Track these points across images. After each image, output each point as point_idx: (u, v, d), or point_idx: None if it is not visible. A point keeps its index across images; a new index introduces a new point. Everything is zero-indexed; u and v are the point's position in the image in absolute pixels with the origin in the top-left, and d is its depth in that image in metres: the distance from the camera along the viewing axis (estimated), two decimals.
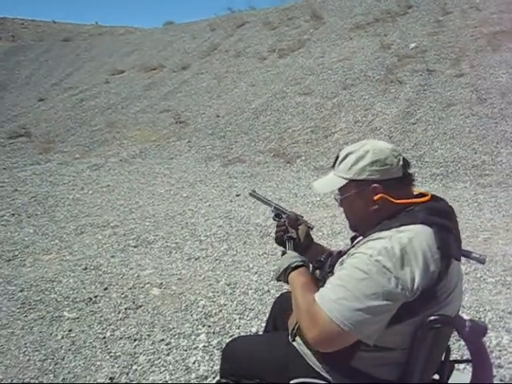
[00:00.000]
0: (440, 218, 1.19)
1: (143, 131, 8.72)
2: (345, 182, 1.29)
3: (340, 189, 1.33)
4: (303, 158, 6.65)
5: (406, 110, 6.92)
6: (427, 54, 8.05)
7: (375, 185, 1.24)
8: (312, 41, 10.29)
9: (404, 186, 1.28)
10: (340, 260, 1.27)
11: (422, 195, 1.29)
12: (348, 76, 8.28)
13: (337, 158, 1.35)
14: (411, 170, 1.31)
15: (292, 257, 1.43)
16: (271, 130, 7.55)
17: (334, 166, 1.36)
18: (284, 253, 1.52)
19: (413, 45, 8.48)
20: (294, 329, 1.40)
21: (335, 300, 1.12)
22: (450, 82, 7.18)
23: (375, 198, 1.24)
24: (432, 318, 1.13)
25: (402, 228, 1.16)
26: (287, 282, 1.39)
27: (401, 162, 1.26)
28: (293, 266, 1.39)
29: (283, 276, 1.40)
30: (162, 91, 10.35)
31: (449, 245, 1.15)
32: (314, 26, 10.93)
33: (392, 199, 1.23)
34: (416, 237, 1.14)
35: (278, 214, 1.72)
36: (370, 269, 1.11)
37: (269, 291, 3.11)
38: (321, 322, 1.13)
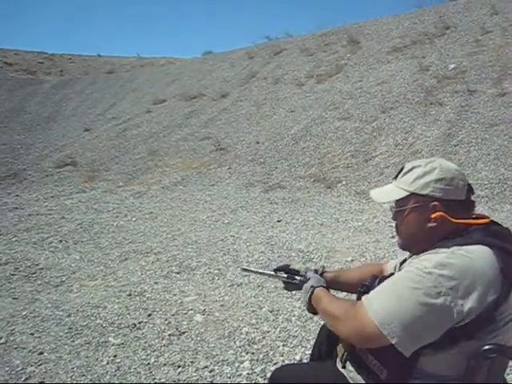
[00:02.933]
0: (500, 240, 1.16)
1: (184, 159, 8.87)
2: (405, 194, 1.29)
3: (398, 201, 1.32)
4: (344, 182, 6.59)
5: (447, 131, 6.80)
6: (467, 75, 7.93)
7: (435, 202, 1.23)
8: (349, 65, 10.32)
9: (464, 209, 1.25)
10: None
11: (480, 217, 1.26)
12: (387, 99, 8.24)
13: (401, 169, 1.35)
14: (472, 197, 1.28)
15: (311, 282, 1.50)
16: (311, 156, 7.54)
17: (396, 177, 1.36)
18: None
19: (452, 65, 8.38)
20: (343, 355, 1.38)
21: (381, 302, 1.14)
22: (492, 102, 7.03)
23: (433, 215, 1.22)
24: (487, 347, 1.09)
25: (462, 247, 1.14)
26: (311, 308, 1.45)
27: (466, 186, 1.25)
28: (315, 285, 1.46)
29: (308, 299, 1.45)
30: (202, 119, 10.53)
31: (511, 268, 1.11)
32: (351, 50, 10.97)
33: (450, 218, 1.20)
34: (476, 257, 1.11)
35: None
36: (420, 280, 1.09)
37: (312, 318, 3.07)
38: (360, 318, 1.15)
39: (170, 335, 3.02)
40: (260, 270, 1.82)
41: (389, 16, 12.15)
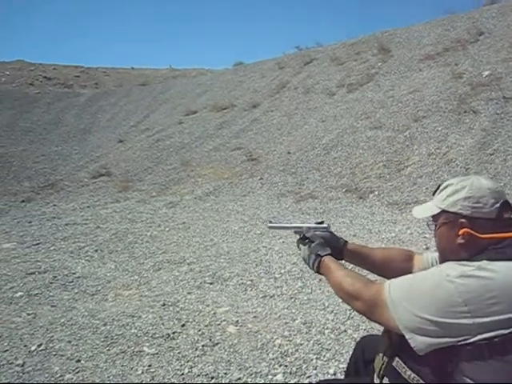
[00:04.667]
0: None
1: (216, 169, 8.96)
2: (437, 211, 1.35)
3: (433, 217, 1.38)
4: (376, 192, 6.53)
5: (482, 140, 6.65)
6: (502, 81, 7.75)
7: (462, 220, 1.27)
8: (381, 74, 10.24)
9: (497, 227, 1.25)
10: None
11: None
12: (419, 108, 8.13)
13: (438, 187, 1.41)
14: (509, 215, 1.28)
15: (320, 247, 1.56)
16: (342, 166, 7.51)
17: (434, 194, 1.42)
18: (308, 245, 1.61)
19: (486, 72, 8.21)
20: (380, 369, 1.39)
21: (401, 295, 1.21)
22: None
23: (460, 232, 1.26)
24: None
25: (492, 262, 1.15)
26: (318, 269, 1.53)
27: (497, 205, 1.26)
28: (323, 254, 1.52)
29: (316, 262, 1.53)
30: (233, 130, 10.63)
31: None
32: (381, 59, 10.89)
33: (478, 235, 1.23)
34: (504, 273, 1.12)
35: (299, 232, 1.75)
36: (441, 285, 1.14)
37: (345, 331, 3.05)
38: (380, 306, 1.24)
39: (203, 346, 3.04)
40: (287, 225, 1.86)
41: (420, 23, 12.02)
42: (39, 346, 3.16)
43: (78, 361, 2.96)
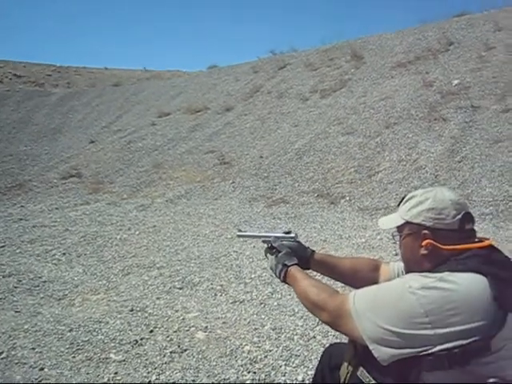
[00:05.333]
0: (497, 267, 1.19)
1: (188, 172, 8.90)
2: (402, 222, 1.37)
3: (398, 228, 1.41)
4: (347, 198, 6.59)
5: (451, 147, 6.80)
6: (471, 91, 7.95)
7: (425, 231, 1.29)
8: (353, 80, 10.37)
9: (459, 239, 1.28)
10: None
11: (479, 241, 1.30)
12: (391, 115, 8.27)
13: (403, 198, 1.43)
14: (471, 226, 1.31)
15: (287, 257, 1.57)
16: (314, 171, 7.56)
17: (398, 205, 1.45)
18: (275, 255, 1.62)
19: (456, 81, 8.41)
20: (345, 378, 1.40)
21: (365, 306, 1.23)
22: (496, 118, 7.04)
23: (423, 243, 1.29)
24: (492, 380, 1.11)
25: (453, 273, 1.17)
26: (284, 279, 1.54)
27: (459, 216, 1.28)
28: (289, 264, 1.53)
29: (282, 272, 1.53)
30: (206, 133, 10.59)
31: (508, 297, 1.14)
32: (354, 65, 11.04)
33: (440, 246, 1.26)
34: (465, 284, 1.14)
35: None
36: (403, 297, 1.16)
37: (315, 337, 3.06)
38: (344, 316, 1.26)
39: (171, 352, 3.01)
40: (255, 233, 1.89)
41: (392, 31, 12.23)
42: (0, 353, 3.07)
43: (42, 369, 2.89)
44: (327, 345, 2.84)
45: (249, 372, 2.72)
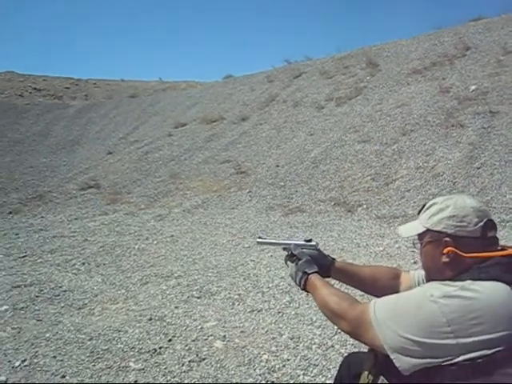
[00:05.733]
0: None
1: (205, 182, 8.95)
2: (422, 229, 1.36)
3: (419, 235, 1.40)
4: (364, 206, 6.56)
5: (469, 154, 6.73)
6: (489, 96, 7.87)
7: (447, 239, 1.28)
8: (369, 88, 10.35)
9: (481, 246, 1.27)
10: None
11: (502, 249, 1.28)
12: (407, 122, 8.22)
13: (423, 206, 1.42)
14: (493, 234, 1.30)
15: (307, 265, 1.56)
16: (331, 179, 7.54)
17: (419, 213, 1.44)
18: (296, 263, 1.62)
19: (473, 87, 8.33)
20: None
21: (386, 314, 1.22)
22: None
23: (445, 250, 1.27)
24: None
25: (475, 282, 1.16)
26: (304, 287, 1.53)
27: (481, 223, 1.27)
28: (309, 272, 1.53)
29: (302, 280, 1.53)
30: (222, 142, 10.64)
31: None
32: (370, 73, 11.02)
33: (462, 254, 1.25)
34: (488, 293, 1.13)
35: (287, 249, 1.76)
36: (424, 306, 1.15)
37: (333, 346, 3.04)
38: (364, 326, 1.24)
39: (190, 361, 3.02)
40: (275, 241, 1.88)
41: (407, 38, 12.20)
42: (23, 361, 3.12)
43: (63, 377, 2.92)
44: (346, 354, 2.83)
45: (267, 381, 2.72)
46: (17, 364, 3.09)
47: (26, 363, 3.09)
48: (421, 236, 1.38)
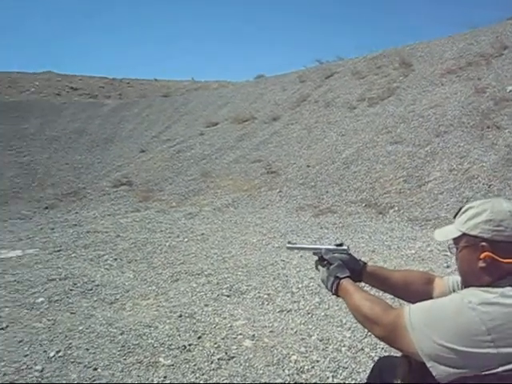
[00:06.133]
0: None
1: (236, 181, 9.00)
2: (458, 234, 1.33)
3: (454, 240, 1.37)
4: (396, 208, 6.47)
5: (505, 156, 6.56)
6: None
7: (483, 243, 1.24)
8: (402, 88, 10.20)
9: None
10: None
11: None
12: (441, 123, 8.07)
13: (460, 209, 1.39)
14: None
15: (339, 270, 1.54)
16: (362, 180, 7.47)
17: (455, 216, 1.41)
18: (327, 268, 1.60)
19: (510, 87, 8.11)
20: None
21: (422, 321, 1.18)
22: None
23: (481, 255, 1.24)
24: None
25: None
26: (336, 292, 1.51)
27: None
28: (341, 276, 1.50)
29: (334, 285, 1.51)
30: (253, 142, 10.67)
31: None
32: (403, 73, 10.84)
33: (500, 259, 1.21)
34: None
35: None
36: (462, 313, 1.12)
37: (363, 349, 3.02)
38: (399, 332, 1.21)
39: (219, 359, 3.04)
40: (306, 246, 1.89)
41: (442, 37, 11.96)
42: (58, 352, 3.21)
43: (95, 369, 2.99)
44: (375, 358, 2.81)
45: (295, 382, 2.72)
46: (51, 354, 3.18)
47: (60, 354, 3.18)
48: (457, 240, 1.35)
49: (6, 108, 15.80)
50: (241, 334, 3.38)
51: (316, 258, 1.72)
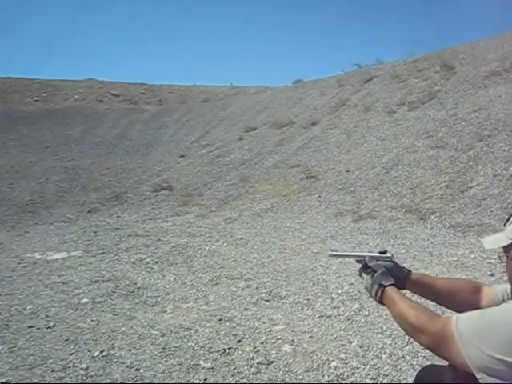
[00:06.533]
0: None
1: (275, 186, 9.01)
2: (508, 242, 1.30)
3: (504, 248, 1.34)
4: (438, 214, 6.33)
5: None
6: None
7: None
8: (443, 92, 9.98)
9: None
10: None
11: None
12: (484, 127, 7.85)
13: (510, 217, 1.37)
14: None
15: (383, 277, 1.52)
16: (403, 185, 7.35)
17: (505, 224, 1.38)
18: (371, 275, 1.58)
19: None
20: None
21: (470, 330, 1.15)
22: None
23: None
24: None
25: None
26: (380, 299, 1.49)
27: None
28: (386, 284, 1.48)
29: (378, 292, 1.49)
30: (292, 147, 10.65)
31: None
32: (444, 76, 10.62)
33: None
34: None
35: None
36: (510, 323, 1.09)
37: (404, 357, 2.98)
38: (447, 339, 1.18)
39: (258, 363, 3.06)
40: (349, 253, 1.88)
41: (485, 39, 11.66)
42: (102, 352, 3.31)
43: (137, 370, 3.07)
44: (417, 366, 2.77)
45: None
46: (96, 354, 3.29)
47: (103, 354, 3.28)
48: (507, 249, 1.32)
49: (53, 115, 16.38)
50: (280, 339, 3.39)
51: (359, 265, 1.71)
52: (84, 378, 2.98)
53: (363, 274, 1.66)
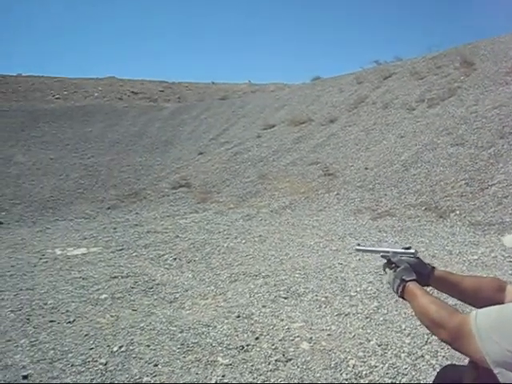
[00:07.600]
0: None
1: (293, 183, 9.00)
2: None
3: None
4: (457, 212, 6.26)
5: None
6: None
7: None
8: (463, 88, 9.84)
9: None
10: None
11: None
12: (505, 124, 7.72)
13: None
14: None
15: (405, 272, 1.54)
16: (422, 183, 7.27)
17: None
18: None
19: None
20: None
21: (488, 327, 1.16)
22: None
23: None
24: None
25: None
26: (402, 294, 1.50)
27: None
28: (407, 279, 1.50)
29: (400, 287, 1.50)
30: (310, 144, 10.62)
31: None
32: (464, 72, 10.46)
33: None
34: None
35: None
36: None
37: (423, 356, 2.95)
38: (466, 336, 1.19)
39: (276, 361, 3.07)
40: (374, 248, 1.87)
41: (506, 34, 11.45)
42: (120, 347, 3.35)
43: (156, 365, 3.10)
44: (436, 365, 2.75)
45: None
46: (115, 349, 3.33)
47: (122, 349, 3.33)
48: None
49: (73, 113, 16.57)
50: (298, 337, 3.39)
51: (381, 263, 1.71)
52: (103, 372, 3.02)
53: (387, 269, 1.66)
